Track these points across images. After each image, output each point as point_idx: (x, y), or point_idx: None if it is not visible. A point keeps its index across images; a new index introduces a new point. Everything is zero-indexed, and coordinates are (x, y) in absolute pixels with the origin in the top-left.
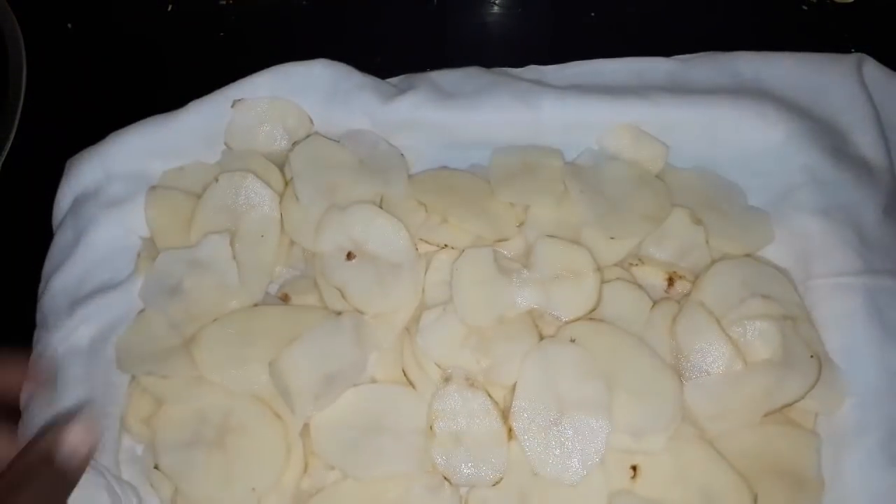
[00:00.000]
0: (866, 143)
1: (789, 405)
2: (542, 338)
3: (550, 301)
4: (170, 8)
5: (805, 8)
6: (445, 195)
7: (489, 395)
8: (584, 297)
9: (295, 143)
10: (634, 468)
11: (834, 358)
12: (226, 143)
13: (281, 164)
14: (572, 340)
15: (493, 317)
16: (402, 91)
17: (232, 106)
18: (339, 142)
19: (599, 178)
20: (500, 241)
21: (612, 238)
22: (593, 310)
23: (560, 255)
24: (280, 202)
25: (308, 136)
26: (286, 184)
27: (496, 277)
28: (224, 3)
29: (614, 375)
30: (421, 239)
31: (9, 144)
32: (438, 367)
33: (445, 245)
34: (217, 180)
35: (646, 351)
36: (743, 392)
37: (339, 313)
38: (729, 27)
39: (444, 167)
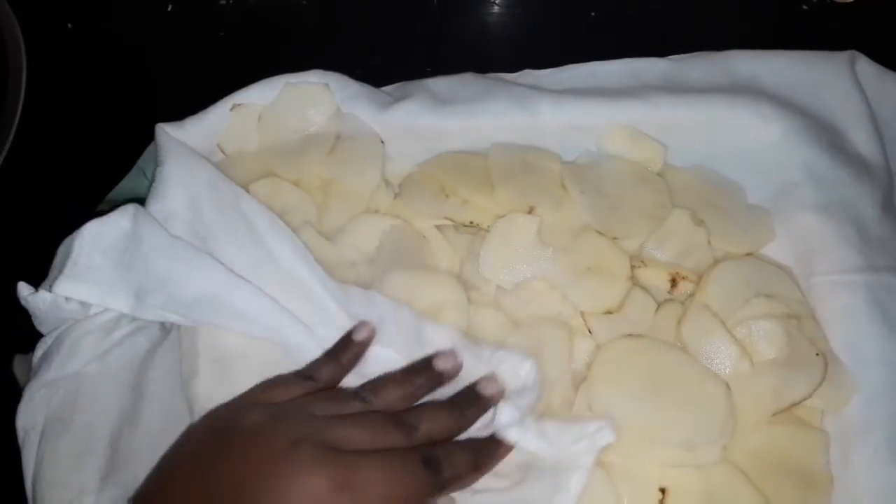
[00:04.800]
0: (861, 139)
1: (797, 404)
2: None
3: (574, 288)
4: (170, 8)
5: (805, 8)
6: (462, 175)
7: None
8: (607, 298)
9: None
10: (663, 490)
11: (839, 355)
12: (219, 146)
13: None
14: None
15: (512, 282)
16: (397, 99)
17: (231, 109)
18: None
19: (599, 178)
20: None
21: (614, 238)
22: (610, 312)
23: (599, 250)
24: None
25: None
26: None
27: (533, 246)
28: (224, 3)
29: (660, 391)
30: (446, 217)
31: (9, 144)
32: None
33: (472, 223)
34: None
35: (688, 361)
36: (751, 392)
37: None
38: (729, 27)
39: (458, 152)
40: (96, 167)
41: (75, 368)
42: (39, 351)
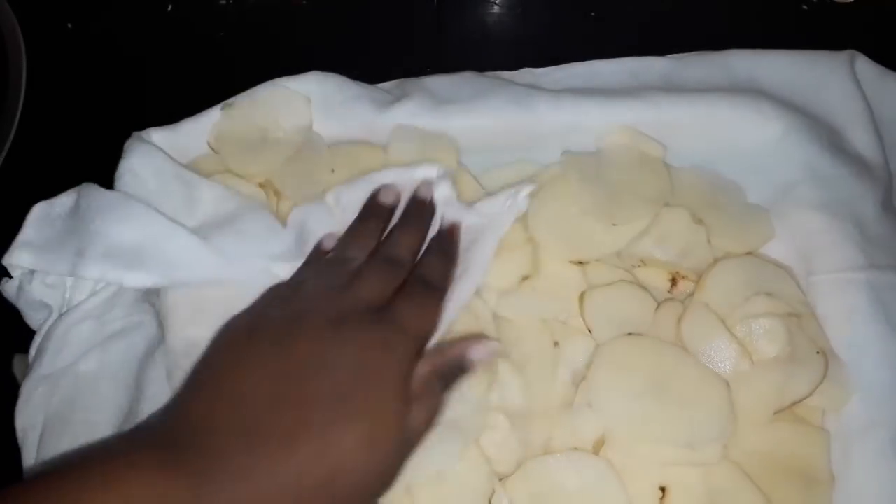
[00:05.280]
0: (861, 139)
1: (797, 402)
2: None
3: None
4: (170, 8)
5: (805, 8)
6: None
7: None
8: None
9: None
10: (663, 489)
11: (840, 354)
12: (208, 144)
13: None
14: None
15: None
16: (397, 98)
17: (221, 108)
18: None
19: (599, 165)
20: None
21: (614, 224)
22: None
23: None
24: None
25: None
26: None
27: None
28: (224, 3)
29: (660, 390)
30: None
31: (9, 144)
32: None
33: None
34: None
35: (688, 360)
36: (751, 391)
37: None
38: (729, 27)
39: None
40: (96, 167)
41: (69, 361)
42: (33, 349)
